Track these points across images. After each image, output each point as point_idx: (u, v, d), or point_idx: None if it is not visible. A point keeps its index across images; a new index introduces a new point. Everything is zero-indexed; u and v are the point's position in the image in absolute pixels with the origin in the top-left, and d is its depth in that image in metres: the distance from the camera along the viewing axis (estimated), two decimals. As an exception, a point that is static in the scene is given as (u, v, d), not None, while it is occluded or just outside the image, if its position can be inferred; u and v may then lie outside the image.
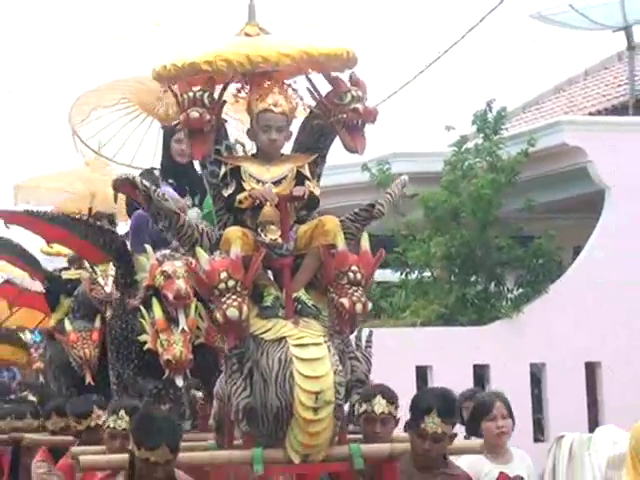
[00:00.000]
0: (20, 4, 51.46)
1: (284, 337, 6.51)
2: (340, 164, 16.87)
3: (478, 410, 8.08)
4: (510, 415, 8.15)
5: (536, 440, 18.06)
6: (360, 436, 7.57)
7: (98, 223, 9.54)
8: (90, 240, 9.16)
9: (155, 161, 9.27)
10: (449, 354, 18.20)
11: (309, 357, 6.43)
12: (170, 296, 7.76)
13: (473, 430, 8.18)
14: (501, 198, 20.13)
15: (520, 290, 20.61)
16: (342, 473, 7.22)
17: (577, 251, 20.44)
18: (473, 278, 20.72)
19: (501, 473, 7.53)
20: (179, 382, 7.55)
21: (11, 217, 9.92)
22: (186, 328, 7.86)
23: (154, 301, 7.49)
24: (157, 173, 9.25)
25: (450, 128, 21.84)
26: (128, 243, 9.15)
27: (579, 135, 20.14)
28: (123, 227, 10.44)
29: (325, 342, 6.54)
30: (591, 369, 19.18)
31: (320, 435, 6.46)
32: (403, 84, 27.25)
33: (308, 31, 8.79)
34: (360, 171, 19.04)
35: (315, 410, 6.36)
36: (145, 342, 7.65)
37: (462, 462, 7.30)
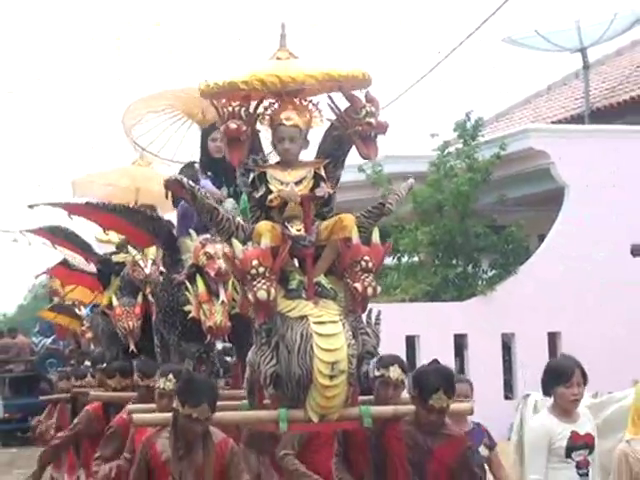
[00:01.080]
0: (20, 4, 48.67)
1: (306, 315, 6.51)
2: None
3: (556, 375, 7.68)
4: (585, 382, 7.85)
5: (506, 398, 18.19)
6: (370, 398, 7.50)
7: (149, 212, 9.50)
8: (141, 227, 9.12)
9: (194, 157, 9.33)
10: (433, 325, 18.32)
11: (327, 333, 6.45)
12: (212, 273, 7.80)
13: (546, 391, 7.81)
14: (477, 194, 20.26)
15: (493, 271, 20.76)
16: (354, 430, 7.39)
17: (541, 238, 20.39)
18: (454, 261, 20.77)
19: (573, 432, 7.38)
20: (219, 346, 7.62)
21: (74, 209, 9.83)
22: (225, 300, 7.91)
23: (198, 277, 7.48)
24: (196, 167, 9.42)
25: (434, 135, 22.08)
26: (173, 229, 9.10)
27: (543, 141, 20.19)
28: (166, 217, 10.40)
29: (340, 320, 6.58)
30: (552, 338, 19.19)
31: (335, 398, 6.51)
32: (395, 97, 27.24)
33: (331, 55, 9.01)
34: (357, 171, 18.96)
35: (331, 377, 6.39)
36: (189, 312, 7.66)
37: (535, 423, 7.33)
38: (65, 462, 11.43)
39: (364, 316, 7.26)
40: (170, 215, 9.83)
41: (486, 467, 8.30)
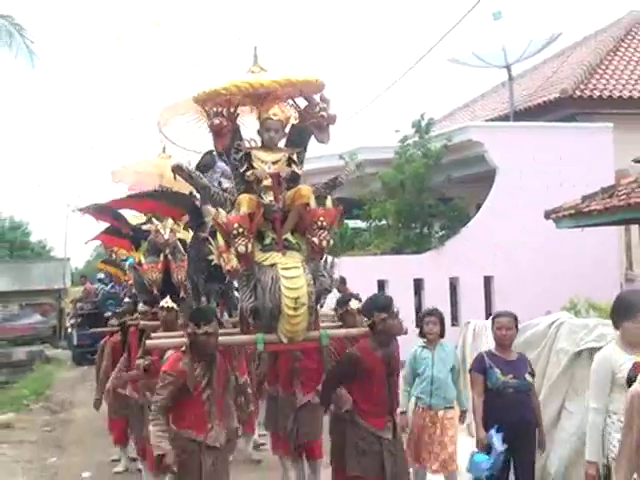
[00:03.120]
0: (20, 4, 45.43)
1: (275, 263, 6.78)
2: (323, 154, 16.67)
3: (623, 309, 6.53)
4: None
5: (452, 325, 17.98)
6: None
7: (176, 191, 9.44)
8: (173, 204, 9.23)
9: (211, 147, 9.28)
10: (398, 272, 18.43)
11: (291, 275, 6.69)
12: (230, 229, 7.80)
13: (615, 324, 6.61)
14: (430, 175, 20.37)
15: (443, 232, 20.89)
16: (315, 348, 7.82)
17: (478, 207, 20.45)
18: (413, 225, 20.94)
19: (635, 363, 6.34)
20: (236, 284, 7.64)
21: (120, 203, 10.06)
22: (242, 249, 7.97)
23: (218, 234, 7.43)
24: (214, 154, 9.42)
25: (397, 130, 22.14)
26: (196, 200, 9.04)
27: (479, 134, 20.44)
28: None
29: (302, 266, 6.80)
30: (487, 280, 19.50)
31: (299, 325, 6.71)
32: (367, 103, 27.31)
33: (292, 67, 9.10)
34: (337, 159, 18.57)
35: (295, 309, 6.63)
36: (212, 260, 7.64)
37: (599, 355, 6.57)
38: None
39: (322, 263, 7.43)
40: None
41: None
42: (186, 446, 6.65)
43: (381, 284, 18.01)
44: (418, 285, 19.27)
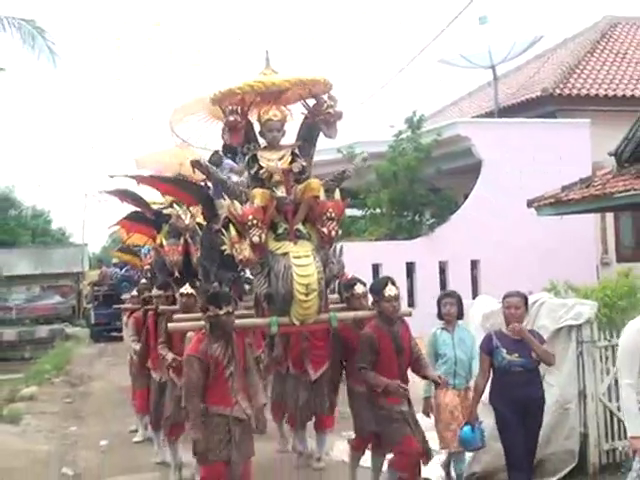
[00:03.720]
0: (20, 4, 43.74)
1: (288, 252, 6.85)
2: (324, 148, 16.63)
3: None
4: None
5: None
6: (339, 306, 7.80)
7: (193, 182, 9.48)
8: (188, 192, 9.21)
9: (218, 145, 9.22)
10: (391, 256, 18.28)
11: (302, 264, 6.76)
12: (245, 221, 7.76)
13: None
14: (421, 167, 20.25)
15: (433, 219, 20.80)
16: (325, 329, 7.82)
17: (466, 196, 20.30)
18: (405, 213, 20.80)
19: None
20: (247, 274, 7.66)
21: (143, 180, 9.96)
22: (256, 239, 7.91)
23: (230, 226, 7.51)
24: (221, 153, 9.42)
25: (392, 126, 21.99)
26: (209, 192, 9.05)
27: (466, 130, 20.34)
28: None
29: (312, 254, 6.87)
30: (473, 264, 19.44)
31: (310, 309, 6.78)
32: (364, 100, 27.27)
33: (294, 67, 9.06)
34: (336, 152, 18.74)
35: (306, 294, 6.71)
36: (224, 250, 7.53)
37: (629, 329, 5.96)
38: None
39: (331, 251, 7.48)
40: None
41: None
42: (216, 420, 6.67)
43: (375, 268, 17.88)
44: (410, 268, 19.18)
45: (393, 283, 7.28)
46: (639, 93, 21.47)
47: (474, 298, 12.06)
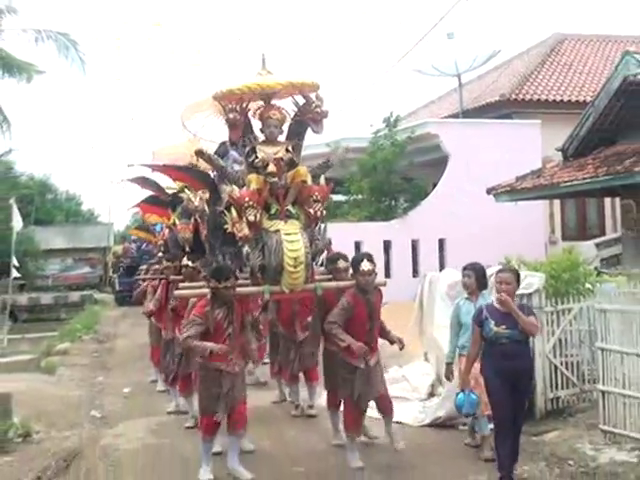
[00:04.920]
0: (20, 5, 40.89)
1: (279, 229, 6.77)
2: (315, 143, 16.40)
3: None
4: None
5: (413, 276, 18.30)
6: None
7: (200, 169, 9.38)
8: (196, 178, 9.06)
9: (224, 137, 9.17)
10: (371, 235, 18.34)
11: (291, 239, 6.69)
12: (242, 203, 7.63)
13: None
14: (397, 160, 20.33)
15: (406, 204, 20.86)
16: (311, 297, 7.77)
17: (434, 185, 20.36)
18: (383, 199, 20.88)
19: None
20: (245, 249, 7.57)
21: (157, 168, 9.88)
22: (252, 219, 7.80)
23: (232, 208, 7.46)
24: (227, 144, 9.35)
25: (371, 125, 21.98)
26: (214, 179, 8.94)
27: (436, 128, 20.45)
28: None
29: (300, 232, 6.78)
30: (440, 242, 19.50)
31: (298, 279, 6.70)
32: (348, 104, 27.23)
33: (292, 67, 8.98)
34: (324, 146, 18.55)
35: (294, 266, 6.63)
36: (227, 228, 7.33)
37: None
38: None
39: (317, 229, 7.46)
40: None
41: None
42: (211, 373, 6.79)
43: (357, 245, 17.87)
44: (387, 245, 19.19)
45: (369, 259, 7.14)
46: (582, 99, 21.44)
47: (441, 271, 12.10)
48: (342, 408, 7.45)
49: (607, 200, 20.64)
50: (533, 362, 6.36)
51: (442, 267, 16.93)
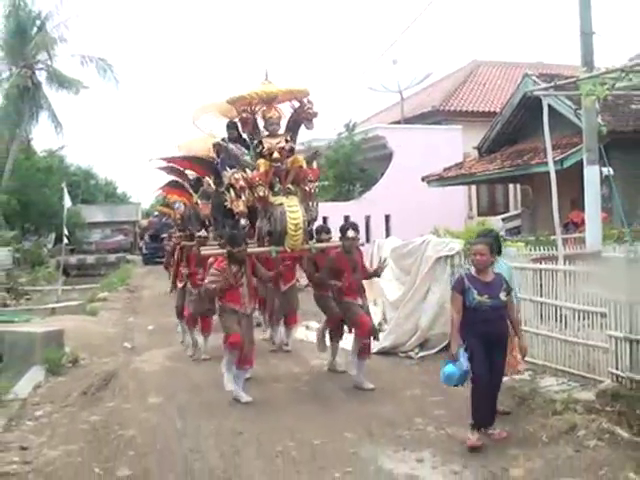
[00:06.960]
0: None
1: (282, 203, 6.74)
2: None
3: None
4: None
5: (367, 242, 18.13)
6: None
7: (207, 159, 8.98)
8: (203, 166, 8.95)
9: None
10: (335, 212, 17.76)
11: (292, 210, 6.65)
12: (237, 186, 7.27)
13: None
14: (354, 155, 20.17)
15: (361, 189, 20.61)
16: (294, 259, 8.01)
17: (382, 174, 20.04)
18: (344, 185, 20.71)
19: None
20: (242, 222, 7.45)
21: (173, 160, 9.83)
22: (244, 199, 7.33)
23: (231, 189, 7.27)
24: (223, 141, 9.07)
25: (335, 128, 21.82)
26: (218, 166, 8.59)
27: (383, 132, 20.41)
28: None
29: (298, 204, 6.73)
30: (387, 218, 19.28)
31: (298, 240, 6.69)
32: (321, 112, 26.89)
33: (292, 81, 8.81)
34: (299, 145, 18.17)
35: (295, 231, 6.62)
36: (227, 205, 7.39)
37: None
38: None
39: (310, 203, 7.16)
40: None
41: None
42: (229, 312, 6.60)
43: (324, 219, 17.61)
44: (347, 220, 18.95)
45: (354, 229, 7.01)
46: (493, 110, 21.36)
47: (387, 236, 12.07)
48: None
49: (511, 185, 20.69)
50: (508, 326, 5.24)
51: (387, 236, 16.81)
